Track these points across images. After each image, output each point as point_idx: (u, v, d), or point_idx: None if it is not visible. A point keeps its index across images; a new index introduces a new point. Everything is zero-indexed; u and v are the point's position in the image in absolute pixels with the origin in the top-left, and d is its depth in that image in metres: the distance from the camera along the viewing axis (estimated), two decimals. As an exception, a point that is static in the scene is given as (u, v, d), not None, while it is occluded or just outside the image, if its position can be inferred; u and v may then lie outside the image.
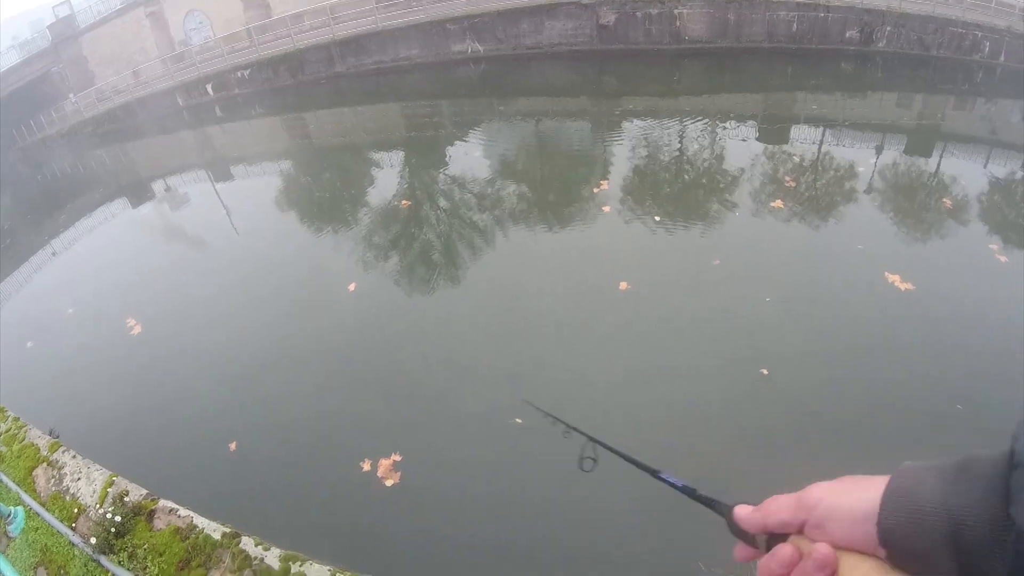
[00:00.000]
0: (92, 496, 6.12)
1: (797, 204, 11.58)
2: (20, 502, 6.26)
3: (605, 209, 11.99)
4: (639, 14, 21.47)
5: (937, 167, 13.20)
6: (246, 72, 27.00)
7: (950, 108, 17.05)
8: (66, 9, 33.10)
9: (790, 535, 0.69)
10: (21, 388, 9.50)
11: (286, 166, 19.77)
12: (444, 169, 16.68)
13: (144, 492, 5.98)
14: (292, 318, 10.07)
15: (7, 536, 5.94)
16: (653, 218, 11.58)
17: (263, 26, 28.69)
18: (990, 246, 9.69)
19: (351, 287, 10.49)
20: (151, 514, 5.70)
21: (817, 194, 12.29)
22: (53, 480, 6.53)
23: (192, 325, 10.52)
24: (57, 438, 7.21)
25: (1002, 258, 9.29)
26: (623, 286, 9.15)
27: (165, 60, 30.74)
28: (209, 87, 27.62)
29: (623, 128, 17.28)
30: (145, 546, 5.40)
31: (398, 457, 6.77)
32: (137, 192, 21.16)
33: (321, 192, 16.85)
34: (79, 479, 6.39)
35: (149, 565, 5.24)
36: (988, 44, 17.33)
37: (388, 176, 16.88)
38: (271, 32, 28.39)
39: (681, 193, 13.08)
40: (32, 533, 5.98)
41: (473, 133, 19.08)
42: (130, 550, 5.40)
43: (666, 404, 7.09)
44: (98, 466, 6.51)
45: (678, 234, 11.07)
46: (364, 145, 20.40)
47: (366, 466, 6.73)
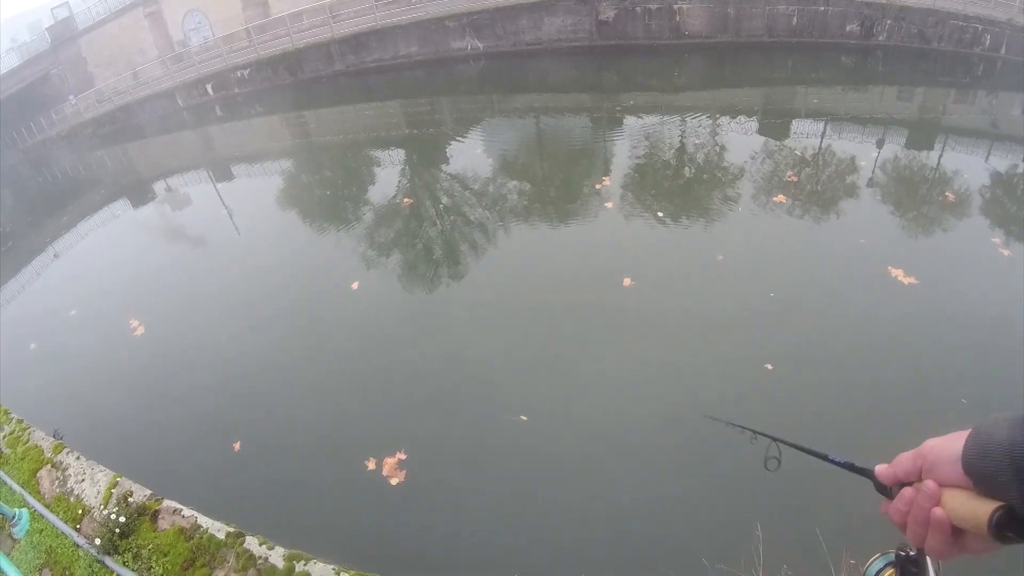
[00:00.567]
0: (96, 497, 6.12)
1: (799, 199, 11.56)
2: (25, 504, 6.26)
3: (608, 206, 11.97)
4: (638, 9, 21.42)
5: (938, 161, 13.15)
6: (246, 71, 26.99)
7: (951, 101, 16.98)
8: (65, 11, 33.07)
9: (914, 482, 0.87)
10: (24, 390, 9.50)
11: (287, 165, 19.77)
12: (445, 166, 16.66)
13: (148, 492, 5.98)
14: (295, 317, 10.07)
15: (12, 538, 5.94)
16: (655, 214, 11.57)
17: (262, 25, 28.67)
18: (993, 240, 9.66)
19: (354, 286, 10.48)
20: (155, 514, 5.71)
21: (819, 188, 12.25)
22: (57, 482, 6.53)
23: (195, 325, 10.52)
24: (61, 439, 7.20)
25: (1005, 252, 9.26)
26: (627, 282, 9.13)
27: (164, 61, 30.76)
28: (209, 87, 27.61)
29: (624, 124, 17.24)
30: (149, 546, 5.41)
31: (403, 455, 6.76)
32: (138, 193, 21.17)
33: (322, 191, 16.85)
34: (83, 480, 6.40)
35: (154, 565, 5.25)
36: (989, 37, 17.27)
37: (389, 174, 16.86)
38: (270, 31, 28.37)
39: (683, 189, 13.04)
40: (37, 535, 5.99)
41: (473, 130, 19.06)
42: (134, 551, 5.41)
43: (668, 402, 7.08)
44: (102, 467, 6.51)
45: (681, 230, 11.05)
46: (365, 143, 20.37)
47: (371, 465, 6.72)
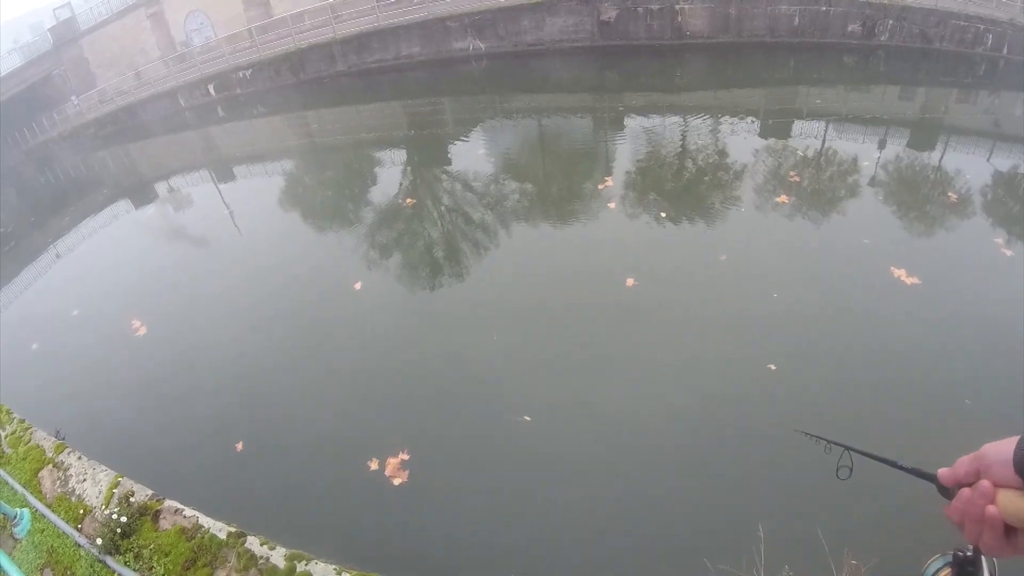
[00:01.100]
0: (98, 497, 6.13)
1: (802, 199, 11.55)
2: (26, 504, 6.27)
3: (610, 206, 11.97)
4: (640, 9, 21.42)
5: (940, 161, 13.13)
6: (248, 72, 27.01)
7: (953, 101, 16.95)
8: (67, 11, 33.13)
9: (972, 484, 0.91)
10: (26, 390, 9.51)
11: (289, 165, 19.78)
12: (447, 166, 16.66)
13: (150, 492, 5.98)
14: (298, 317, 10.07)
15: (14, 538, 5.96)
16: (658, 214, 11.57)
17: (264, 26, 28.72)
18: (995, 240, 9.63)
19: (357, 286, 10.48)
20: (157, 514, 5.71)
21: (821, 189, 12.23)
22: (59, 482, 6.53)
23: (197, 325, 10.52)
24: (62, 439, 7.21)
25: (1007, 252, 9.24)
26: (630, 282, 9.13)
27: (167, 61, 30.83)
28: (211, 87, 27.65)
29: (626, 124, 17.23)
30: (151, 546, 5.41)
31: (406, 456, 6.76)
32: (140, 193, 21.19)
33: (325, 191, 16.86)
34: (84, 480, 6.40)
35: (155, 565, 5.25)
36: (991, 37, 17.23)
37: (391, 174, 16.88)
38: (272, 32, 28.41)
39: (685, 189, 13.03)
40: (38, 535, 5.99)
41: (475, 131, 19.06)
42: (136, 550, 5.41)
43: (670, 402, 7.08)
44: (103, 467, 6.52)
45: (683, 230, 11.04)
46: (367, 143, 20.38)
47: (373, 465, 6.72)
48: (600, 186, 13.03)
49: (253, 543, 5.21)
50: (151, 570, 5.23)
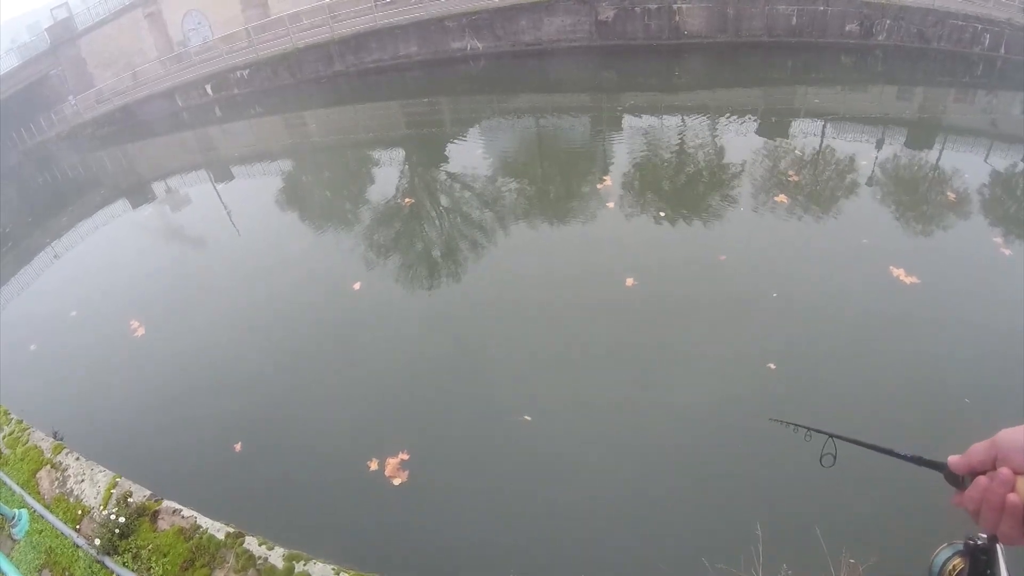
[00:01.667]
0: (96, 498, 6.11)
1: (800, 199, 11.55)
2: (24, 505, 6.25)
3: (609, 205, 11.96)
4: (638, 9, 21.40)
5: (939, 160, 13.15)
6: (245, 72, 26.95)
7: (951, 101, 16.98)
8: (64, 12, 33.01)
9: (988, 471, 0.90)
10: (24, 391, 9.49)
11: (287, 165, 19.76)
12: (446, 166, 16.65)
13: (148, 493, 5.97)
14: (296, 318, 10.06)
15: (12, 539, 5.93)
16: (657, 214, 11.57)
17: (262, 26, 28.63)
18: (994, 239, 9.65)
19: (355, 286, 10.46)
20: (155, 515, 5.69)
21: (820, 188, 12.25)
22: (57, 482, 6.52)
23: (195, 326, 10.50)
24: (61, 440, 7.19)
25: (1006, 251, 9.26)
26: (629, 282, 9.12)
27: (164, 61, 30.72)
28: (208, 87, 27.58)
29: (624, 124, 17.22)
30: (149, 547, 5.40)
31: (406, 456, 6.75)
32: (138, 193, 21.14)
33: (323, 191, 16.84)
34: (83, 481, 6.38)
35: (153, 566, 5.23)
36: (988, 36, 17.25)
37: (390, 174, 16.86)
38: (270, 32, 28.33)
39: (684, 189, 13.03)
40: (36, 535, 5.98)
41: (473, 130, 19.05)
42: (134, 551, 5.40)
43: (669, 401, 7.07)
44: (102, 468, 6.50)
45: (682, 230, 11.04)
46: (365, 143, 20.36)
47: (373, 465, 6.71)
48: (599, 186, 13.02)
49: (251, 543, 5.20)
50: (149, 570, 5.22)
